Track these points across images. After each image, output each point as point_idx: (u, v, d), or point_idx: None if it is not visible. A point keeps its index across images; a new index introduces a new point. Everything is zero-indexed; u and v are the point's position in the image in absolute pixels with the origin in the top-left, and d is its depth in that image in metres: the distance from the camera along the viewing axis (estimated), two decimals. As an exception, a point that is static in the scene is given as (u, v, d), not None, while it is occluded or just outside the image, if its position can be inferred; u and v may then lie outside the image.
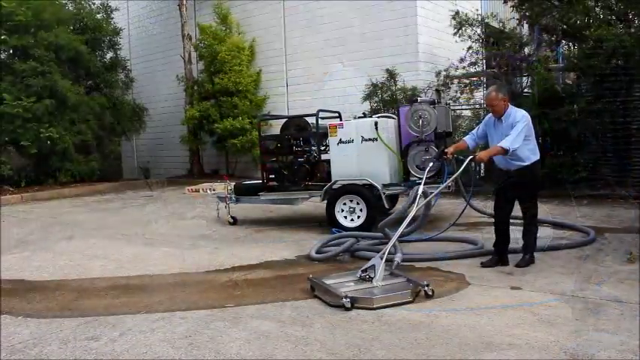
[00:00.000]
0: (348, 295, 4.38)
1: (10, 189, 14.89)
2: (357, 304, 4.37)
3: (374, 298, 4.42)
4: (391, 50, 13.64)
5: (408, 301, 4.42)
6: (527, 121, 5.29)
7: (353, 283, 4.79)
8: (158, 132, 19.72)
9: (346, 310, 4.29)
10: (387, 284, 4.72)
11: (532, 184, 5.56)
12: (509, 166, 5.47)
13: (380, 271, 4.74)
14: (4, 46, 15.38)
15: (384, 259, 4.89)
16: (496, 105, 5.37)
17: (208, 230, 8.47)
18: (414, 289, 4.56)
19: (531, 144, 5.40)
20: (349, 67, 14.46)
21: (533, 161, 5.41)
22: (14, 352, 3.78)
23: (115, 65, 18.22)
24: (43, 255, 7.08)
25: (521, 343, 3.61)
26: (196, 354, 3.63)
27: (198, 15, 17.92)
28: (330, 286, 4.64)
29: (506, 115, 5.36)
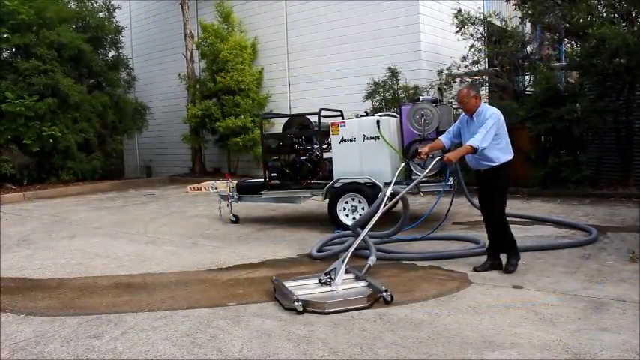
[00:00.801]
0: (299, 299, 4.30)
1: (12, 187, 14.93)
2: (310, 307, 4.29)
3: (326, 302, 4.31)
4: (393, 49, 13.62)
5: (363, 307, 4.31)
6: (498, 120, 5.16)
7: (313, 286, 4.71)
8: (160, 130, 19.73)
9: (298, 314, 4.24)
10: (347, 288, 4.63)
11: (500, 184, 5.35)
12: (479, 166, 5.36)
13: (340, 275, 4.67)
14: (7, 45, 15.39)
15: (345, 262, 4.81)
16: (467, 102, 5.26)
17: (210, 229, 8.47)
18: (373, 295, 4.46)
19: (502, 143, 5.26)
20: (351, 65, 14.45)
21: (502, 162, 5.26)
22: (17, 350, 3.79)
23: (117, 64, 18.24)
24: (45, 253, 7.09)
25: (523, 342, 3.61)
26: (198, 352, 3.64)
27: (200, 13, 17.93)
28: (287, 289, 4.54)
29: (478, 113, 5.25)
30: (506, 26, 12.67)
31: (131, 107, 18.06)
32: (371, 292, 4.50)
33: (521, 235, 6.92)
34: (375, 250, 5.54)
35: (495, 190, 5.34)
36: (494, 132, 5.09)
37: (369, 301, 4.38)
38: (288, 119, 9.38)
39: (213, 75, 16.41)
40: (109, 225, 9.22)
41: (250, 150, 16.06)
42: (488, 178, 5.32)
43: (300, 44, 15.78)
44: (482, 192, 5.50)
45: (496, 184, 5.32)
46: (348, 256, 4.94)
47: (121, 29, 18.41)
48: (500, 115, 5.21)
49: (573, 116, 10.17)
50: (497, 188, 5.34)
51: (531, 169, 11.02)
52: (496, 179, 5.29)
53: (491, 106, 5.35)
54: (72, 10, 17.23)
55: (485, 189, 5.44)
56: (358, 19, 14.38)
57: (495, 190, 5.34)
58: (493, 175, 5.28)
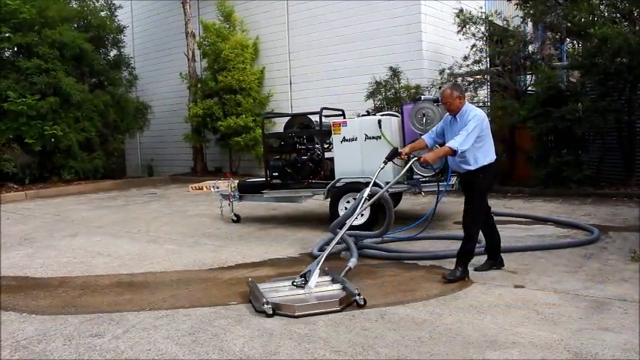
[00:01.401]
0: (269, 302, 4.25)
1: (14, 186, 14.95)
2: (280, 310, 4.23)
3: (296, 306, 4.24)
4: (395, 48, 13.62)
5: (334, 311, 4.23)
6: (481, 121, 4.99)
7: (287, 289, 4.63)
8: (161, 130, 19.75)
9: (268, 317, 4.18)
10: (320, 291, 4.55)
11: (479, 187, 5.15)
12: (459, 168, 5.25)
13: (313, 278, 4.60)
14: (9, 44, 15.40)
15: (319, 265, 4.75)
16: (451, 103, 5.10)
17: (211, 228, 8.48)
18: (346, 299, 4.38)
19: (485, 146, 5.08)
20: (352, 64, 14.45)
21: (483, 164, 5.08)
22: (19, 349, 3.80)
23: (118, 63, 18.25)
24: (47, 252, 7.10)
25: (524, 341, 3.61)
26: (200, 351, 3.64)
27: (201, 13, 17.93)
28: (259, 291, 4.48)
29: (461, 114, 5.10)
30: (507, 26, 12.66)
31: (133, 106, 18.06)
32: (344, 295, 4.41)
33: (523, 235, 6.95)
34: (356, 253, 5.48)
35: (474, 193, 5.17)
36: (476, 134, 4.94)
37: (341, 304, 4.29)
38: (289, 118, 9.38)
39: (214, 74, 16.42)
40: (111, 224, 9.23)
41: (252, 149, 16.07)
42: (469, 180, 5.20)
43: (301, 44, 15.78)
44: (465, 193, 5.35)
45: (475, 187, 5.15)
46: (322, 259, 4.85)
47: (123, 28, 18.43)
48: (483, 116, 5.07)
49: (575, 116, 10.17)
50: (476, 191, 5.16)
51: (533, 168, 11.03)
52: (476, 182, 5.13)
53: (475, 107, 5.21)
54: (73, 9, 17.24)
55: (466, 191, 5.31)
56: (360, 18, 14.38)
57: (474, 193, 5.17)
58: (473, 178, 5.14)
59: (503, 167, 11.74)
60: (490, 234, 5.45)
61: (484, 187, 5.22)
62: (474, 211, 5.17)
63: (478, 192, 5.18)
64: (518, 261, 5.68)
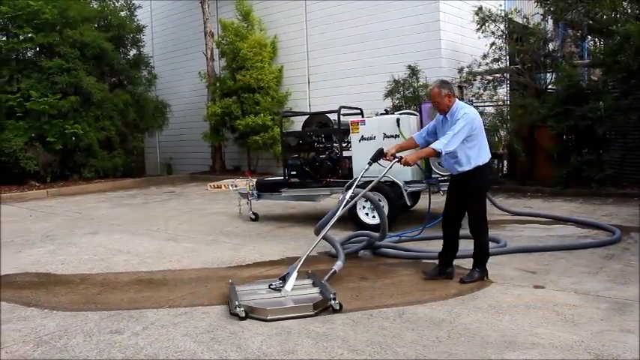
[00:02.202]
0: (242, 305, 4.19)
1: (36, 184, 15.17)
2: (253, 314, 4.17)
3: (268, 310, 4.16)
4: (413, 47, 13.55)
5: (308, 315, 4.15)
6: (470, 121, 4.77)
7: (265, 291, 4.55)
8: (180, 128, 19.88)
9: (240, 320, 4.12)
10: (297, 295, 4.44)
11: (475, 188, 4.97)
12: (452, 169, 5.05)
13: (290, 281, 4.52)
14: (31, 44, 15.64)
15: (297, 268, 4.67)
16: (439, 102, 4.91)
17: (230, 226, 8.52)
18: (322, 303, 4.28)
19: (476, 147, 4.87)
20: (371, 63, 14.41)
21: (474, 166, 4.88)
22: (41, 344, 3.85)
23: (138, 62, 18.42)
24: (68, 249, 7.18)
25: (544, 342, 3.57)
26: (218, 349, 3.66)
27: (220, 12, 18.02)
28: (234, 294, 4.43)
29: (451, 113, 4.90)
30: (527, 23, 12.54)
31: (152, 105, 18.22)
32: (320, 299, 4.32)
33: (543, 235, 6.88)
34: (343, 256, 5.37)
35: (471, 194, 4.98)
36: (464, 134, 4.74)
37: (315, 309, 4.20)
38: (307, 117, 9.39)
39: (233, 73, 16.49)
40: (130, 222, 9.32)
41: (270, 148, 16.11)
42: (463, 182, 4.98)
43: (319, 42, 15.78)
44: (451, 196, 5.17)
45: (472, 189, 4.96)
46: (300, 262, 4.78)
47: (142, 28, 18.60)
48: (474, 115, 4.86)
49: (596, 114, 10.04)
50: (473, 192, 4.97)
51: (553, 168, 10.91)
52: (472, 183, 4.93)
53: (466, 105, 5.00)
54: (94, 9, 17.44)
55: (455, 193, 5.10)
56: (378, 17, 14.33)
57: (471, 194, 4.98)
58: (468, 179, 4.93)
59: (523, 167, 11.64)
60: (452, 240, 5.17)
61: (481, 187, 5.03)
62: (477, 217, 5.00)
63: (476, 193, 4.99)
64: (538, 261, 5.62)
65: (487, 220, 5.09)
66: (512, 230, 7.31)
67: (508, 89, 13.37)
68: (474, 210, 5.01)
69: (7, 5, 14.94)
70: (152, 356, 3.58)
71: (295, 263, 4.80)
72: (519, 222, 7.87)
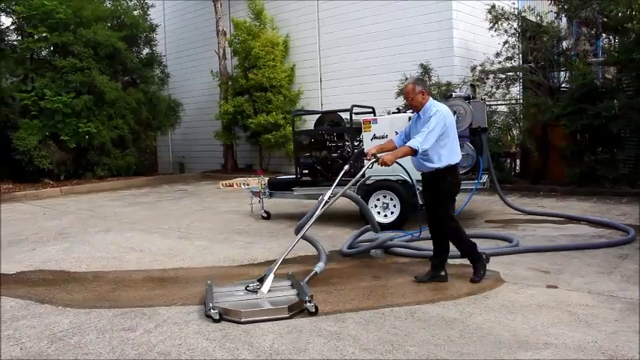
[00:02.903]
0: (215, 307, 4.17)
1: (50, 182, 15.30)
2: (227, 316, 4.14)
3: (241, 312, 4.11)
4: (426, 45, 13.51)
5: (282, 318, 4.11)
6: (443, 119, 4.72)
7: (242, 293, 4.52)
8: (193, 127, 19.96)
9: (215, 322, 4.10)
10: (273, 297, 4.40)
11: (444, 188, 4.90)
12: (422, 168, 4.97)
13: (267, 283, 4.48)
14: (46, 44, 15.77)
15: (273, 270, 4.64)
16: (413, 99, 4.87)
17: (242, 224, 8.54)
18: (297, 305, 4.24)
19: (449, 145, 4.81)
20: (383, 62, 14.38)
21: (447, 164, 4.82)
22: (55, 341, 3.89)
23: (151, 61, 18.52)
24: (81, 247, 7.24)
25: (557, 343, 3.55)
26: (230, 347, 3.67)
27: (232, 11, 18.06)
28: (210, 295, 4.43)
29: (424, 110, 4.85)
30: (541, 21, 12.46)
31: (164, 104, 18.31)
32: (295, 302, 4.27)
33: (556, 234, 6.83)
34: (325, 258, 5.35)
35: (439, 195, 4.92)
36: (438, 132, 4.68)
37: (290, 311, 4.16)
38: (319, 116, 9.39)
39: (245, 72, 16.52)
40: (143, 220, 9.37)
41: (282, 146, 16.14)
42: (433, 182, 4.93)
43: (331, 41, 15.77)
44: (427, 196, 5.12)
45: (440, 189, 4.89)
46: (277, 263, 4.75)
47: (155, 27, 18.69)
48: (447, 113, 4.81)
49: (611, 113, 9.95)
50: (442, 193, 4.91)
51: (566, 167, 10.84)
52: (440, 183, 4.87)
53: (439, 103, 4.94)
54: (107, 8, 17.55)
55: (429, 193, 5.06)
56: (390, 15, 14.30)
57: (439, 195, 4.92)
58: (437, 178, 4.87)
59: (536, 165, 11.57)
60: (440, 244, 5.11)
61: (450, 189, 4.94)
62: (447, 218, 4.90)
63: (444, 195, 4.91)
64: (551, 261, 5.59)
65: (455, 219, 5.02)
66: (525, 230, 7.27)
67: (521, 88, 13.30)
68: (440, 211, 4.92)
69: (22, 5, 15.08)
70: (164, 354, 3.60)
71: (272, 265, 4.76)
72: (532, 221, 7.82)
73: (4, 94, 14.75)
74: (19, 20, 16.08)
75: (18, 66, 15.74)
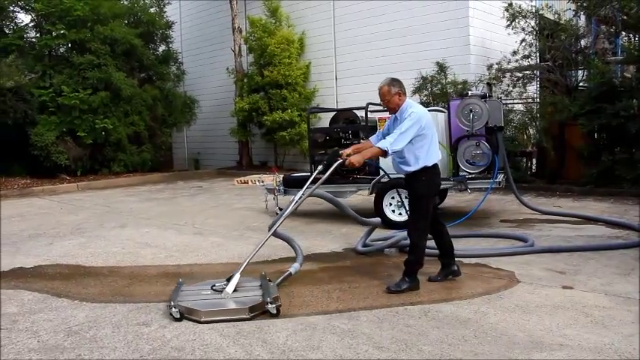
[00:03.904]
0: (177, 305, 4.17)
1: (67, 178, 15.45)
2: (189, 315, 4.15)
3: (202, 311, 4.11)
4: (442, 43, 13.43)
5: (243, 318, 4.09)
6: (418, 119, 4.60)
7: (210, 292, 4.51)
8: (208, 124, 20.04)
9: (175, 321, 4.11)
10: (237, 297, 4.37)
11: (419, 190, 4.75)
12: (399, 170, 4.89)
13: (232, 283, 4.47)
14: (63, 41, 15.92)
15: (240, 270, 4.62)
16: (389, 101, 4.78)
17: (256, 221, 8.56)
18: (259, 306, 4.21)
19: (425, 147, 4.69)
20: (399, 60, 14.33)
21: (423, 166, 4.69)
22: (71, 334, 3.93)
23: (167, 58, 18.60)
24: (97, 242, 7.31)
25: (572, 344, 3.52)
26: (243, 343, 3.69)
27: (248, 8, 18.09)
28: (176, 293, 4.45)
29: (401, 111, 4.76)
30: (559, 19, 12.33)
31: (180, 101, 18.40)
32: (257, 303, 4.24)
33: (572, 235, 6.77)
34: (301, 258, 5.32)
35: (415, 197, 4.80)
36: (412, 134, 4.57)
37: (251, 312, 4.15)
38: (335, 113, 9.40)
39: (260, 69, 16.54)
40: (158, 216, 9.43)
41: (297, 144, 16.15)
42: (409, 183, 4.85)
43: (347, 38, 15.73)
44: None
45: (415, 191, 4.77)
46: (244, 264, 4.72)
47: (171, 24, 18.76)
48: (422, 114, 4.68)
49: (629, 112, 9.83)
50: (415, 193, 4.78)
51: (583, 166, 10.73)
52: (415, 185, 4.76)
53: (416, 104, 4.84)
54: (124, 6, 17.66)
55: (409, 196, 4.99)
56: (406, 13, 14.24)
57: (415, 197, 4.80)
58: (413, 180, 4.78)
59: (552, 165, 11.47)
60: (440, 242, 5.04)
61: (425, 191, 4.76)
62: (417, 219, 4.77)
63: (419, 196, 4.76)
64: (567, 261, 5.54)
65: (428, 225, 4.83)
66: (541, 230, 7.21)
67: (538, 86, 13.18)
68: (415, 212, 4.80)
69: (41, 2, 15.23)
70: (178, 349, 3.63)
71: (240, 265, 4.75)
72: (548, 221, 7.76)
73: (23, 90, 14.90)
74: (38, 17, 16.24)
75: (36, 63, 15.89)
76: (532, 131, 12.27)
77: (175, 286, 4.68)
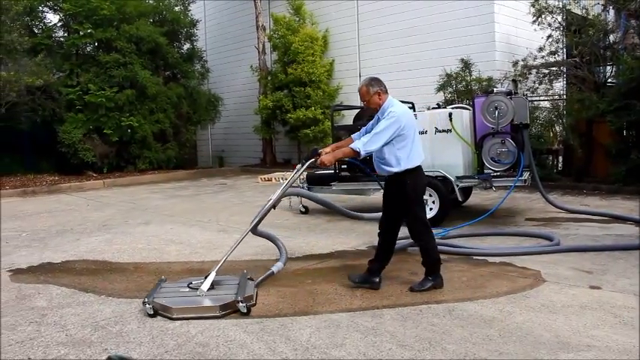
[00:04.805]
0: (150, 302, 4.21)
1: (93, 175, 15.69)
2: (162, 312, 4.19)
3: (173, 308, 4.15)
4: (466, 40, 13.32)
5: (214, 316, 4.12)
6: (396, 120, 4.47)
7: (187, 289, 4.53)
8: (232, 121, 20.16)
9: (150, 317, 4.15)
10: (211, 295, 4.38)
11: (408, 194, 4.61)
12: (381, 171, 4.76)
13: (207, 280, 4.46)
14: (90, 40, 16.15)
15: (216, 268, 4.61)
16: (369, 100, 4.69)
17: (280, 219, 8.58)
18: (230, 305, 4.22)
19: (406, 148, 4.56)
20: (423, 57, 14.24)
21: (404, 168, 4.56)
22: (98, 329, 3.99)
23: (191, 56, 18.76)
24: (122, 238, 7.40)
25: (600, 345, 3.46)
26: (267, 339, 3.70)
27: (272, 6, 18.14)
28: (154, 290, 4.51)
29: (382, 111, 4.64)
30: (587, 14, 12.13)
31: (205, 98, 18.54)
32: (229, 301, 4.24)
33: (600, 234, 6.66)
34: (285, 258, 5.30)
35: (404, 200, 4.65)
36: (388, 134, 4.45)
37: (222, 310, 4.17)
38: (358, 111, 9.35)
39: (284, 67, 16.58)
40: (183, 213, 9.51)
41: (321, 141, 16.12)
42: (394, 186, 4.71)
43: (371, 36, 15.69)
44: (385, 200, 4.88)
45: (403, 194, 4.64)
46: (221, 263, 4.72)
47: (196, 22, 18.90)
48: (402, 114, 4.55)
49: (660, 109, 9.63)
50: (406, 198, 4.63)
51: (611, 164, 10.54)
52: (403, 189, 4.62)
53: (397, 103, 4.69)
54: (150, 4, 17.85)
55: (388, 198, 4.83)
56: (430, 9, 14.15)
57: (404, 200, 4.65)
58: (397, 183, 4.65)
59: (579, 163, 11.29)
60: (383, 248, 4.87)
61: (413, 194, 4.63)
62: (417, 220, 4.68)
63: (412, 198, 4.64)
64: (594, 261, 5.45)
65: (429, 225, 4.79)
66: (568, 229, 7.10)
67: (565, 83, 12.99)
68: (410, 216, 4.70)
69: (69, 2, 15.47)
70: (203, 344, 3.66)
71: (216, 263, 4.76)
72: (575, 220, 7.64)
73: (51, 88, 15.16)
74: (66, 17, 16.51)
75: (64, 61, 16.16)
76: (558, 128, 12.09)
77: (156, 283, 4.76)
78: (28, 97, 14.37)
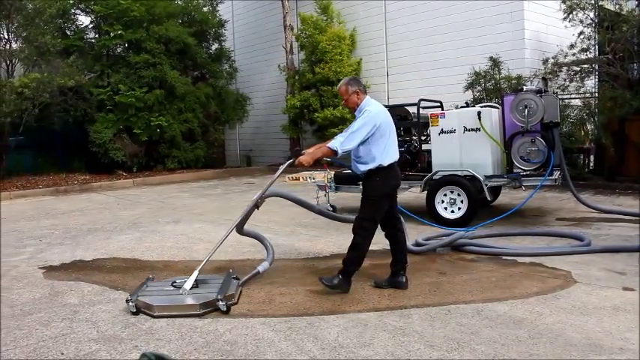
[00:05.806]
0: (134, 300, 4.28)
1: (123, 174, 15.93)
2: (145, 309, 4.26)
3: (155, 306, 4.22)
4: (495, 37, 13.17)
5: (195, 314, 4.17)
6: (372, 118, 4.52)
7: (171, 287, 4.57)
8: (260, 121, 20.26)
9: (132, 315, 4.22)
10: (193, 293, 4.43)
11: (370, 190, 4.66)
12: (355, 170, 4.76)
13: (190, 279, 4.49)
14: (121, 41, 16.41)
15: (199, 267, 4.63)
16: (347, 100, 4.72)
17: (307, 218, 8.58)
18: (210, 303, 4.26)
19: (382, 145, 4.57)
20: (451, 55, 14.13)
21: (379, 164, 4.57)
22: (128, 325, 4.05)
23: (219, 56, 18.91)
24: (152, 237, 7.50)
25: (634, 348, 3.39)
26: (295, 338, 3.72)
27: (299, 6, 18.19)
28: (138, 288, 4.58)
29: (359, 110, 4.67)
30: (620, 10, 11.86)
31: (233, 98, 18.68)
32: (209, 300, 4.28)
33: (632, 234, 6.52)
34: (271, 257, 5.29)
35: (365, 196, 4.68)
36: (364, 133, 4.47)
37: (202, 308, 4.22)
38: (386, 110, 9.31)
39: (312, 66, 16.60)
40: (211, 211, 9.60)
41: (348, 141, 16.11)
42: (363, 182, 4.75)
43: (399, 34, 15.62)
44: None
45: (366, 189, 4.69)
46: (204, 261, 4.76)
47: (224, 23, 19.06)
48: (377, 113, 4.60)
49: (696, 107, 9.39)
50: (366, 193, 4.67)
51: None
52: (366, 183, 4.69)
53: (373, 102, 4.74)
54: (178, 5, 18.06)
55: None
56: (458, 7, 14.02)
57: (365, 196, 4.68)
58: (366, 179, 4.70)
59: (612, 162, 11.07)
60: (394, 247, 4.91)
61: (377, 191, 4.63)
62: (363, 218, 4.66)
63: (369, 196, 4.65)
64: (627, 262, 5.34)
65: (374, 227, 4.73)
66: (599, 229, 6.98)
67: (596, 80, 12.74)
68: (362, 211, 4.68)
69: (99, 4, 15.74)
70: (231, 342, 3.69)
71: (200, 262, 4.80)
72: (607, 220, 7.50)
73: (83, 89, 15.44)
74: (97, 19, 16.80)
75: (95, 63, 16.47)
76: (590, 127, 11.87)
77: (143, 282, 4.83)
78: (60, 98, 14.67)
